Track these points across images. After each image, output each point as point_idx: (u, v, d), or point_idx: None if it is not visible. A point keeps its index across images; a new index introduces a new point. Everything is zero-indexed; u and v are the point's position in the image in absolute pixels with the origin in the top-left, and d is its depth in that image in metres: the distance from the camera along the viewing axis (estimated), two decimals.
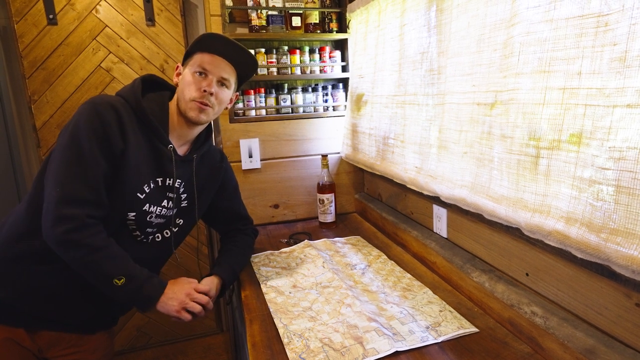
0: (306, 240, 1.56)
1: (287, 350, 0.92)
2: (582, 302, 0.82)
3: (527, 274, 0.97)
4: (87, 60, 2.00)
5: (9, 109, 2.04)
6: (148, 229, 1.12)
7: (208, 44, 1.10)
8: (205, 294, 1.13)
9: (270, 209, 1.86)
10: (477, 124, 1.01)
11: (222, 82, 1.12)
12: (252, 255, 1.47)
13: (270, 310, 1.09)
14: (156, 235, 1.16)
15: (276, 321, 1.04)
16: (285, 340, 0.95)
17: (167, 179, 1.13)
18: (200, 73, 1.09)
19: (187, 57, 1.14)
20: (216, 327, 2.40)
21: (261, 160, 1.81)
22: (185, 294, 1.08)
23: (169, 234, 1.19)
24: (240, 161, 1.78)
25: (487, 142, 0.97)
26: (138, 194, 1.06)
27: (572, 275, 0.84)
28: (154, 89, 1.15)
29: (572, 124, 0.73)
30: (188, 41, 2.14)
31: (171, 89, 1.19)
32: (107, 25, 2.00)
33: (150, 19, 2.05)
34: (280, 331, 0.99)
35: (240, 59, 1.14)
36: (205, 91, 1.08)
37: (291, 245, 1.54)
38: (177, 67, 1.16)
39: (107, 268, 0.99)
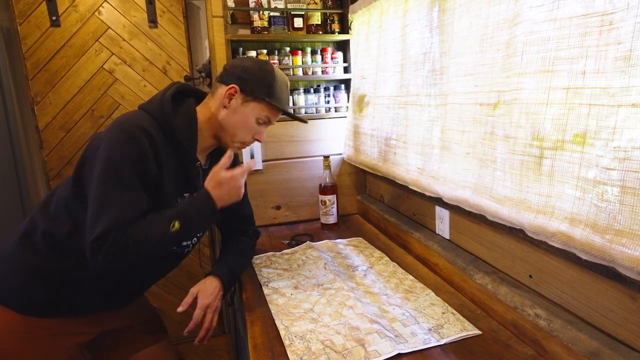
0: (308, 242, 1.56)
1: (288, 352, 0.91)
2: (587, 304, 0.81)
3: (530, 276, 0.96)
4: (90, 61, 2.01)
5: (12, 110, 2.05)
6: (183, 242, 1.12)
7: (283, 100, 1.12)
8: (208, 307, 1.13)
9: (272, 211, 1.85)
10: (479, 124, 1.00)
11: None
12: (254, 257, 1.46)
13: (272, 311, 1.09)
14: (188, 245, 1.17)
15: (277, 323, 1.03)
16: (286, 342, 0.95)
17: (194, 193, 1.12)
18: (263, 123, 1.12)
19: (256, 93, 1.07)
20: (218, 329, 2.39)
21: (263, 161, 1.81)
22: (226, 176, 1.04)
23: (196, 239, 1.20)
24: (242, 162, 1.78)
25: (489, 143, 0.96)
26: None
27: (576, 277, 0.83)
28: (181, 97, 1.10)
29: (576, 124, 0.72)
30: (190, 43, 2.14)
31: (196, 96, 1.15)
32: (109, 27, 2.01)
33: (153, 21, 2.05)
34: (282, 333, 0.99)
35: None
36: (256, 139, 1.13)
37: (293, 247, 1.54)
38: (234, 89, 1.07)
39: (156, 233, 0.96)
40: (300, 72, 1.83)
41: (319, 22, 1.81)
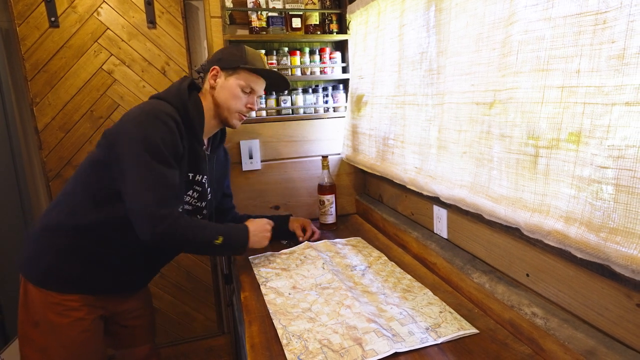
0: (306, 242, 1.56)
1: (285, 352, 0.91)
2: (583, 302, 0.81)
3: (527, 275, 0.96)
4: (89, 62, 2.01)
5: (11, 111, 2.05)
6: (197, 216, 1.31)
7: (257, 64, 1.26)
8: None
9: (271, 211, 1.85)
10: (476, 123, 1.00)
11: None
12: (252, 257, 1.47)
13: (270, 311, 1.09)
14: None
15: (275, 322, 1.03)
16: (284, 341, 0.95)
17: (197, 175, 1.26)
18: (250, 92, 1.27)
19: (231, 67, 1.24)
20: (217, 329, 2.39)
21: (262, 161, 1.81)
22: (264, 225, 1.33)
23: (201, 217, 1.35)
24: (241, 162, 1.78)
25: (486, 142, 0.96)
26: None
27: (572, 275, 0.83)
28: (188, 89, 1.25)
29: (571, 123, 0.73)
30: (189, 43, 2.15)
31: (197, 89, 1.30)
32: (108, 28, 2.01)
33: (152, 21, 2.06)
34: (279, 332, 0.99)
35: (275, 81, 1.35)
36: (249, 107, 1.28)
37: (291, 247, 1.54)
38: (216, 69, 1.24)
39: (204, 238, 1.16)
40: (298, 72, 1.83)
41: (317, 22, 1.81)
